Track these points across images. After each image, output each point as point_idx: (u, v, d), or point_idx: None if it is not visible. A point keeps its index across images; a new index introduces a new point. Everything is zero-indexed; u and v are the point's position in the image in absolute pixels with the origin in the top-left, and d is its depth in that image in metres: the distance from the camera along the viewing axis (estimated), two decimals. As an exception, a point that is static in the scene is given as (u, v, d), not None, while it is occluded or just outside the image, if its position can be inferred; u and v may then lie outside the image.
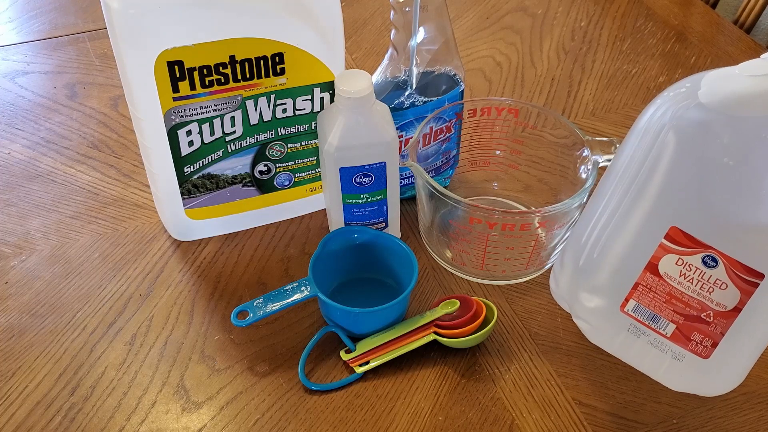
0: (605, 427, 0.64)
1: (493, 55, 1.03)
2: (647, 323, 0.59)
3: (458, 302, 0.68)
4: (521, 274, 0.74)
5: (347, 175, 0.69)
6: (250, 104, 0.70)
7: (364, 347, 0.67)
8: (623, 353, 0.62)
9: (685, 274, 0.56)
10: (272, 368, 0.68)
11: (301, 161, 0.76)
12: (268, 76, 0.68)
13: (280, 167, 0.76)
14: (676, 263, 0.56)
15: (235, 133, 0.71)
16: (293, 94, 0.70)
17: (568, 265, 0.63)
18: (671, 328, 0.58)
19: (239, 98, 0.69)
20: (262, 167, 0.75)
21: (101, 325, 0.71)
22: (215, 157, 0.72)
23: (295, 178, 0.77)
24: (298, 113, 0.72)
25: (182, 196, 0.74)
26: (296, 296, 0.67)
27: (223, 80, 0.67)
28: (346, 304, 0.66)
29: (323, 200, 0.80)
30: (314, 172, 0.78)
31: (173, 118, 0.68)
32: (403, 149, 0.72)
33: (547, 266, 0.75)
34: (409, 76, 0.74)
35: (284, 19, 0.65)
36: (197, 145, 0.70)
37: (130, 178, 0.85)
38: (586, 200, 0.67)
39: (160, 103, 0.66)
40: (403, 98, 0.74)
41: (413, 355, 0.68)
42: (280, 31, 0.66)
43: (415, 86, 0.74)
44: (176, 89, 0.66)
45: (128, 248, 0.78)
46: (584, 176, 0.71)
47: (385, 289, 0.73)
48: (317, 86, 0.71)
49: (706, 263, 0.54)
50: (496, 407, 0.65)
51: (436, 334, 0.67)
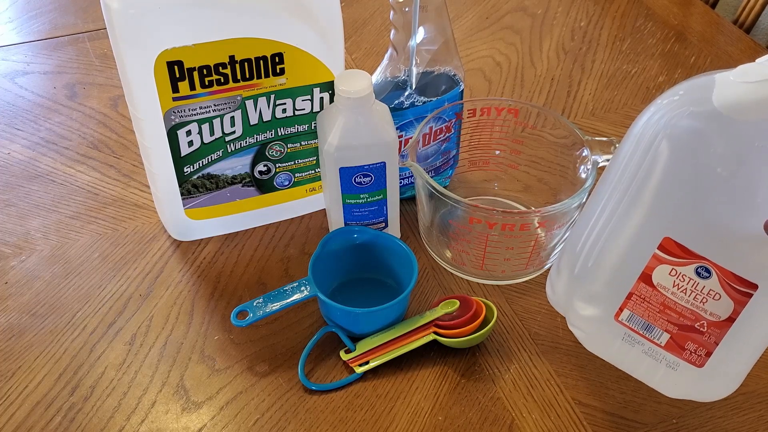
0: (605, 426, 0.64)
1: (492, 55, 1.03)
2: (641, 332, 0.59)
3: (458, 302, 0.68)
4: (521, 274, 0.74)
5: (347, 175, 0.69)
6: (249, 104, 0.70)
7: (363, 347, 0.67)
8: (619, 361, 0.62)
9: (678, 284, 0.55)
10: (272, 368, 0.68)
11: (300, 161, 0.76)
12: (267, 76, 0.68)
13: (279, 167, 0.76)
14: (669, 274, 0.55)
15: (234, 133, 0.71)
16: (293, 94, 0.70)
17: (563, 272, 0.63)
18: (665, 337, 0.58)
19: (239, 98, 0.69)
20: (261, 167, 0.75)
21: (101, 325, 0.71)
22: (215, 157, 0.72)
23: (294, 178, 0.77)
24: (297, 113, 0.72)
25: (182, 196, 0.74)
26: (296, 296, 0.67)
27: (222, 80, 0.67)
28: (346, 304, 0.66)
29: (323, 200, 0.80)
30: (314, 172, 0.78)
31: (173, 118, 0.68)
32: (402, 149, 0.72)
33: (546, 266, 0.75)
34: (408, 76, 0.74)
35: (284, 19, 0.65)
36: (197, 145, 0.71)
37: (130, 178, 0.85)
38: (585, 200, 0.67)
39: (159, 103, 0.66)
40: (402, 98, 0.74)
41: (413, 355, 0.68)
42: (279, 31, 0.66)
43: (414, 86, 0.74)
44: (176, 89, 0.66)
45: (128, 248, 0.78)
46: (584, 176, 0.71)
47: (385, 289, 0.73)
48: (317, 86, 0.71)
49: (699, 274, 0.54)
50: (495, 407, 0.65)
51: (435, 334, 0.67)
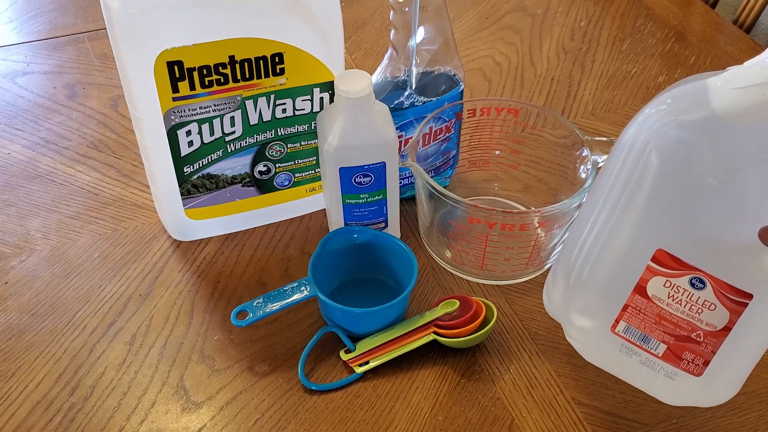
0: (605, 426, 0.64)
1: (492, 55, 1.03)
2: (638, 344, 0.58)
3: (458, 302, 0.68)
4: (521, 274, 0.74)
5: (347, 175, 0.69)
6: (249, 104, 0.70)
7: (363, 347, 0.67)
8: (617, 371, 0.62)
9: (673, 296, 0.55)
10: (272, 368, 0.68)
11: (300, 161, 0.76)
12: (267, 76, 0.68)
13: (279, 167, 0.76)
14: (664, 285, 0.55)
15: (234, 133, 0.71)
16: (293, 94, 0.70)
17: (559, 282, 0.62)
18: (662, 348, 0.58)
19: (239, 98, 0.69)
20: (261, 167, 0.75)
21: (101, 325, 0.71)
22: (215, 157, 0.72)
23: (294, 178, 0.77)
24: (297, 113, 0.72)
25: (182, 196, 0.74)
26: (296, 296, 0.67)
27: (222, 80, 0.67)
28: (345, 304, 0.66)
29: (323, 200, 0.80)
30: (314, 172, 0.78)
31: (173, 118, 0.68)
32: (402, 149, 0.72)
33: (546, 266, 0.75)
34: (408, 76, 0.74)
35: (284, 19, 0.65)
36: (197, 145, 0.71)
37: (130, 178, 0.85)
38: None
39: (159, 103, 0.66)
40: (402, 98, 0.74)
41: (413, 355, 0.68)
42: (279, 31, 0.66)
43: (414, 86, 0.74)
44: (176, 89, 0.66)
45: (128, 248, 0.78)
46: (584, 176, 0.71)
47: (384, 289, 0.73)
48: (317, 86, 0.71)
49: (693, 285, 0.54)
50: (495, 407, 0.65)
51: (435, 334, 0.67)
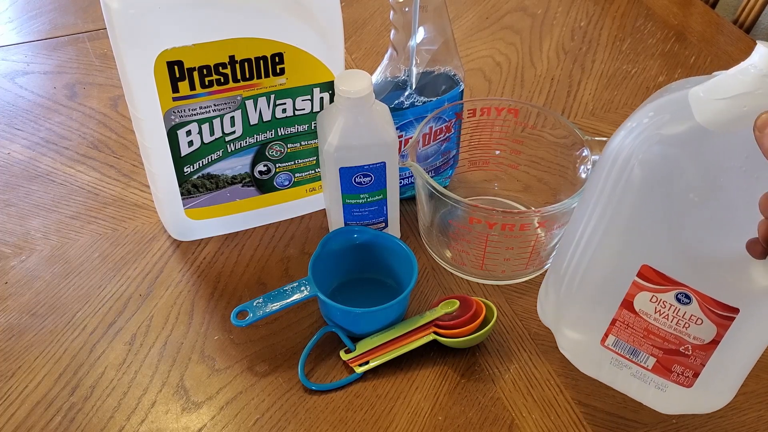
0: (605, 426, 0.64)
1: (492, 55, 1.03)
2: (628, 357, 0.59)
3: (458, 302, 0.68)
4: (521, 274, 0.74)
5: (347, 175, 0.69)
6: (249, 104, 0.70)
7: (363, 347, 0.67)
8: (610, 382, 0.62)
9: (660, 310, 0.55)
10: (272, 368, 0.68)
11: (300, 161, 0.76)
12: (267, 76, 0.68)
13: (279, 167, 0.76)
14: (650, 300, 0.55)
15: (234, 133, 0.71)
16: (293, 94, 0.70)
17: (551, 294, 0.62)
18: (652, 361, 0.58)
19: (239, 98, 0.69)
20: (261, 167, 0.75)
21: (101, 325, 0.71)
22: (215, 157, 0.72)
23: (294, 178, 0.77)
24: (297, 113, 0.72)
25: (182, 196, 0.74)
26: (296, 296, 0.67)
27: (222, 80, 0.67)
28: (345, 304, 0.66)
29: (323, 200, 0.80)
30: (314, 172, 0.78)
31: (173, 118, 0.68)
32: (402, 149, 0.72)
33: (546, 266, 0.75)
34: (408, 76, 0.74)
35: (284, 19, 0.65)
36: (197, 145, 0.71)
37: (130, 178, 0.85)
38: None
39: (159, 103, 0.66)
40: (402, 98, 0.74)
41: (413, 355, 0.68)
42: (279, 31, 0.66)
43: (414, 86, 0.74)
44: (176, 89, 0.66)
45: (128, 248, 0.78)
46: (584, 176, 0.71)
47: (384, 289, 0.73)
48: (317, 86, 0.71)
49: (679, 300, 0.54)
50: (495, 407, 0.65)
51: (435, 334, 0.67)
